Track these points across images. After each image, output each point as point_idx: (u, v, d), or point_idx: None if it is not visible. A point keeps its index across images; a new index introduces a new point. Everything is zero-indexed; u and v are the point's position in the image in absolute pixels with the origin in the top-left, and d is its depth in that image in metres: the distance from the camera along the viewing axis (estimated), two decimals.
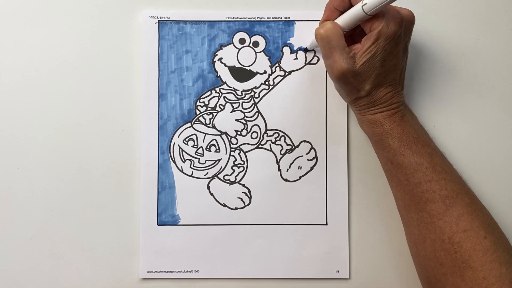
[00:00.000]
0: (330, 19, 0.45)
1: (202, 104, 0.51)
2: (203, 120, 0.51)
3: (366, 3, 0.42)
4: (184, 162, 0.51)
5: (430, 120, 0.51)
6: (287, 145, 0.51)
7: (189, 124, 0.51)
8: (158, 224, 0.50)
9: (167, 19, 0.51)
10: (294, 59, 0.51)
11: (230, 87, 0.51)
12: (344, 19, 0.44)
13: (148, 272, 0.50)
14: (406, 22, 0.43)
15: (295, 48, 0.51)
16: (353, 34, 0.47)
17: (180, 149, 0.51)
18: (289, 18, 0.51)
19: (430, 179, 0.44)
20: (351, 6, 0.44)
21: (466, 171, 0.51)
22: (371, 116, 0.46)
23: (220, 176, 0.51)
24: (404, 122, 0.46)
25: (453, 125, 0.51)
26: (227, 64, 0.51)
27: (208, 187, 0.50)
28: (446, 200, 0.44)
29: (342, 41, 0.43)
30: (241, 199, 0.51)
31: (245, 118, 0.51)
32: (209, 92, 0.51)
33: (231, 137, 0.51)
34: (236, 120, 0.51)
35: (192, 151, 0.51)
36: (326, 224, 0.51)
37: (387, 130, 0.45)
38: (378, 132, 0.46)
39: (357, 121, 0.49)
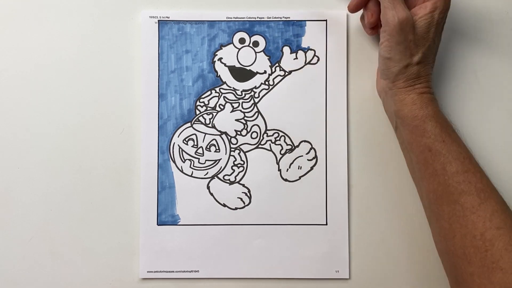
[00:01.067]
0: None
1: (202, 104, 0.51)
2: (203, 120, 0.51)
3: None
4: (184, 162, 0.51)
5: None
6: (287, 145, 0.51)
7: (189, 124, 0.51)
8: (158, 224, 0.50)
9: (167, 19, 0.51)
10: (294, 59, 0.51)
11: (230, 87, 0.51)
12: None
13: (148, 272, 0.50)
14: (445, 4, 0.44)
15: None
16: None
17: (180, 149, 0.51)
18: (289, 18, 0.51)
19: (467, 169, 0.43)
20: None
21: None
22: (416, 96, 0.45)
23: (220, 176, 0.51)
24: (436, 105, 0.46)
25: (452, 124, 0.51)
26: (227, 64, 0.51)
27: (208, 187, 0.50)
28: (481, 194, 0.42)
29: None
30: (241, 199, 0.51)
31: (245, 118, 0.51)
32: (209, 92, 0.51)
33: (231, 137, 0.51)
34: (236, 120, 0.51)
35: (192, 151, 0.51)
36: (326, 224, 0.51)
37: (430, 113, 0.44)
38: (421, 115, 0.44)
39: (393, 106, 0.47)
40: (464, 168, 0.43)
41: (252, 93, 0.51)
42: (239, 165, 0.51)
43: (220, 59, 0.51)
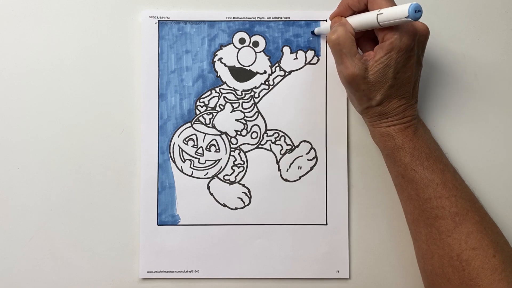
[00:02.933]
0: (342, 15, 0.45)
1: (202, 104, 0.51)
2: (203, 120, 0.51)
3: (382, 13, 0.41)
4: (184, 162, 0.51)
5: (430, 120, 0.51)
6: (287, 145, 0.51)
7: (189, 124, 0.51)
8: (158, 224, 0.50)
9: (167, 19, 0.51)
10: (294, 59, 0.51)
11: (230, 87, 0.51)
12: (356, 21, 0.44)
13: (148, 272, 0.50)
14: (419, 35, 0.43)
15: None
16: (366, 33, 0.46)
17: (180, 149, 0.51)
18: (289, 18, 0.51)
19: (440, 195, 0.44)
20: (365, 9, 0.44)
21: (466, 172, 0.51)
22: (383, 129, 0.45)
23: (220, 176, 0.51)
24: (416, 136, 0.45)
25: (452, 125, 0.51)
26: (227, 64, 0.51)
27: (208, 187, 0.50)
28: (455, 218, 0.43)
29: (354, 48, 0.43)
30: (241, 199, 0.51)
31: (245, 118, 0.51)
32: (209, 92, 0.51)
33: (231, 137, 0.51)
34: (236, 120, 0.51)
35: (192, 151, 0.51)
36: (326, 224, 0.51)
37: (399, 145, 0.45)
38: (389, 146, 0.45)
39: (369, 132, 0.48)
40: (437, 194, 0.44)
41: (252, 93, 0.51)
42: (239, 165, 0.51)
43: (220, 59, 0.51)
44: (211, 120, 0.51)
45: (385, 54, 0.42)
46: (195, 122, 0.51)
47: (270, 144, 0.51)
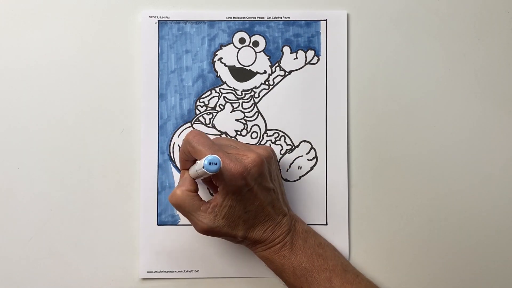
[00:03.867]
0: (185, 168, 0.46)
1: (202, 104, 0.51)
2: (203, 120, 0.51)
3: (196, 163, 0.42)
4: None
5: (430, 120, 0.51)
6: (287, 145, 0.51)
7: (189, 124, 0.51)
8: (158, 224, 0.50)
9: (167, 19, 0.51)
10: (294, 59, 0.51)
11: (230, 87, 0.51)
12: (191, 173, 0.45)
13: (148, 272, 0.50)
14: (251, 169, 0.42)
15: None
16: None
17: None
18: (289, 18, 0.51)
19: None
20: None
21: (466, 171, 0.51)
22: (260, 254, 0.46)
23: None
24: (294, 253, 0.45)
25: (453, 125, 0.51)
26: (227, 64, 0.51)
27: (208, 187, 0.50)
28: None
29: (196, 203, 0.43)
30: None
31: (245, 118, 0.51)
32: (209, 92, 0.51)
33: (231, 137, 0.51)
34: (236, 120, 0.51)
35: None
36: (326, 224, 0.51)
37: (279, 267, 0.45)
38: (272, 269, 0.46)
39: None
40: None
41: (252, 93, 0.51)
42: None
43: (220, 59, 0.51)
44: (211, 120, 0.51)
45: (224, 199, 0.43)
46: (195, 122, 0.51)
47: (270, 144, 0.51)
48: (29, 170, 0.50)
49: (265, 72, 0.51)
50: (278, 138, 0.51)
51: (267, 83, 0.51)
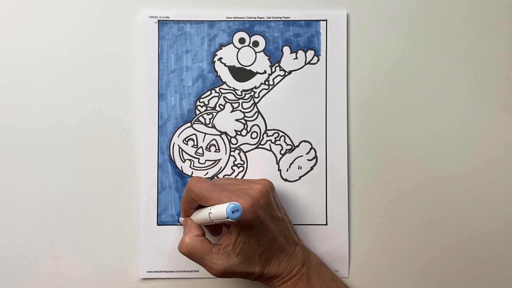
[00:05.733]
0: (188, 215, 0.46)
1: (202, 104, 0.51)
2: (203, 120, 0.51)
3: (211, 212, 0.41)
4: (184, 162, 0.51)
5: (430, 120, 0.51)
6: (287, 145, 0.51)
7: (189, 124, 0.51)
8: (158, 224, 0.50)
9: (166, 19, 0.51)
10: (294, 59, 0.51)
11: (230, 87, 0.51)
12: (197, 219, 0.45)
13: (148, 272, 0.50)
14: (260, 200, 0.43)
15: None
16: None
17: (180, 149, 0.51)
18: (289, 18, 0.51)
19: None
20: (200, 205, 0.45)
21: (466, 171, 0.51)
22: None
23: (220, 176, 0.51)
24: (311, 286, 0.45)
25: (453, 125, 0.51)
26: (227, 64, 0.51)
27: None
28: None
29: (206, 246, 0.43)
30: None
31: (245, 118, 0.51)
32: (209, 92, 0.51)
33: (231, 137, 0.51)
34: (236, 120, 0.51)
35: (192, 151, 0.51)
36: (326, 224, 0.51)
37: None
38: None
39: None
40: None
41: (252, 93, 0.51)
42: (239, 165, 0.51)
43: (220, 59, 0.51)
44: (211, 120, 0.51)
45: (238, 235, 0.43)
46: (195, 122, 0.51)
47: (270, 144, 0.51)
48: (29, 170, 0.50)
49: (265, 72, 0.51)
50: (278, 138, 0.51)
51: (267, 83, 0.51)
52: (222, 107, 0.51)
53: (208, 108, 0.51)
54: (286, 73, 0.51)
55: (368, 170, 0.51)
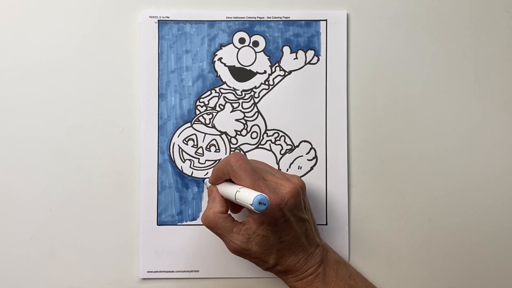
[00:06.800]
0: (216, 183, 0.46)
1: (202, 104, 0.51)
2: (203, 120, 0.51)
3: (239, 191, 0.41)
4: (184, 162, 0.51)
5: (430, 120, 0.51)
6: (287, 145, 0.51)
7: (189, 124, 0.51)
8: (158, 224, 0.50)
9: (166, 19, 0.51)
10: (294, 59, 0.51)
11: (230, 87, 0.51)
12: (224, 192, 0.45)
13: (148, 272, 0.50)
14: (288, 200, 0.43)
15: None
16: None
17: (180, 149, 0.51)
18: (289, 18, 0.51)
19: None
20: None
21: (466, 171, 0.51)
22: (291, 284, 0.45)
23: None
24: (327, 284, 0.45)
25: (453, 125, 0.51)
26: (227, 64, 0.51)
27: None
28: None
29: (228, 225, 0.44)
30: None
31: (245, 118, 0.51)
32: (209, 92, 0.51)
33: (231, 137, 0.51)
34: (236, 120, 0.51)
35: (192, 151, 0.51)
36: (326, 224, 0.51)
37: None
38: None
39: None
40: None
41: (252, 93, 0.51)
42: None
43: (220, 59, 0.51)
44: (211, 120, 0.51)
45: (259, 227, 0.43)
46: (195, 122, 0.51)
47: (270, 144, 0.51)
48: (29, 170, 0.50)
49: (265, 72, 0.51)
50: (278, 138, 0.51)
51: (267, 83, 0.51)
52: (222, 107, 0.51)
53: (208, 108, 0.51)
54: (286, 73, 0.51)
55: (368, 170, 0.51)
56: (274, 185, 0.43)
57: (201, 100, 0.51)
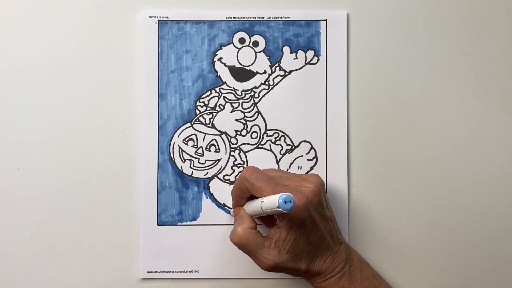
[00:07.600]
0: (240, 205, 0.46)
1: (202, 104, 0.51)
2: (203, 120, 0.51)
3: (263, 201, 0.41)
4: (184, 162, 0.51)
5: (430, 120, 0.51)
6: (287, 145, 0.51)
7: (189, 124, 0.51)
8: (158, 224, 0.50)
9: (166, 19, 0.51)
10: (294, 59, 0.51)
11: (230, 87, 0.51)
12: (250, 210, 0.44)
13: (148, 272, 0.50)
14: (312, 199, 0.43)
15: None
16: None
17: (180, 149, 0.51)
18: (289, 18, 0.51)
19: None
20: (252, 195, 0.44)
21: (466, 171, 0.51)
22: (319, 285, 0.45)
23: (220, 176, 0.51)
24: (353, 283, 0.45)
25: (453, 125, 0.51)
26: (227, 64, 0.51)
27: (208, 187, 0.50)
28: None
29: (259, 240, 0.43)
30: None
31: (245, 118, 0.51)
32: (209, 92, 0.51)
33: (231, 137, 0.51)
34: (236, 120, 0.51)
35: (192, 151, 0.51)
36: None
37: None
38: None
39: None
40: None
41: (252, 93, 0.51)
42: (239, 165, 0.51)
43: (220, 59, 0.51)
44: (211, 120, 0.51)
45: (288, 232, 0.42)
46: (195, 122, 0.51)
47: (270, 144, 0.51)
48: (29, 170, 0.50)
49: (265, 72, 0.51)
50: (278, 138, 0.51)
51: (267, 83, 0.51)
52: (222, 107, 0.51)
53: (208, 108, 0.51)
54: (286, 73, 0.51)
55: (368, 170, 0.51)
56: (295, 188, 0.43)
57: (201, 100, 0.51)
